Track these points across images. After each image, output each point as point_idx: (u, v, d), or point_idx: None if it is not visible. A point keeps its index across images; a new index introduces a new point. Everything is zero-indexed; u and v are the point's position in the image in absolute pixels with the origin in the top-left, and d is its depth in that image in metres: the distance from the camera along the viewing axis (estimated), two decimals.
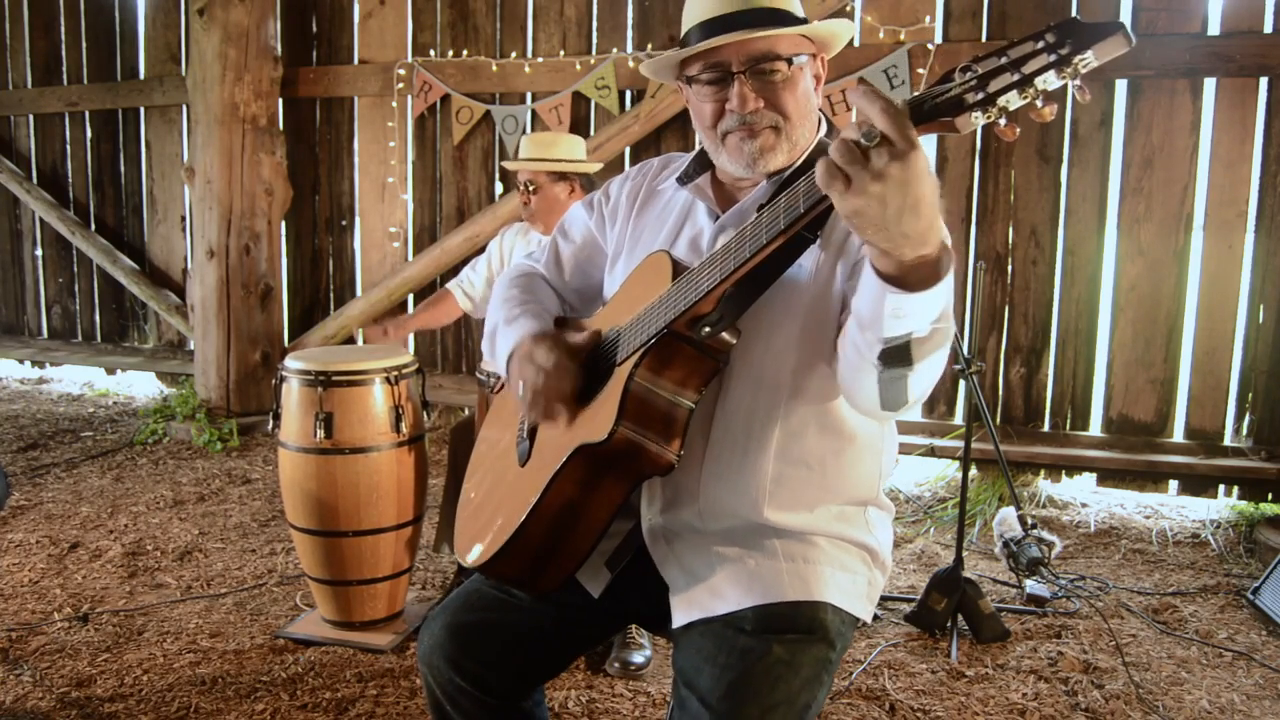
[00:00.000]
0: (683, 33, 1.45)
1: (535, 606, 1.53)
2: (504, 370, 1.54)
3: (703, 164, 1.54)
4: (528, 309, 1.57)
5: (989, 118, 0.95)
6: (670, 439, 1.30)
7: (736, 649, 1.33)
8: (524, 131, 4.87)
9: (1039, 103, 0.94)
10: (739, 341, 1.33)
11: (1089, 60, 0.91)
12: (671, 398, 1.30)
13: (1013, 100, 0.94)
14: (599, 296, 1.64)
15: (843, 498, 1.44)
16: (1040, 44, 0.93)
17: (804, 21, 1.41)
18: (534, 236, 3.31)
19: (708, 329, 1.28)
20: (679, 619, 1.40)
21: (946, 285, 1.08)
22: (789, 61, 1.38)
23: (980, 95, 0.94)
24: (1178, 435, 4.16)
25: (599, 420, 1.31)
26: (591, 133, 4.82)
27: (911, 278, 1.05)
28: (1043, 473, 4.28)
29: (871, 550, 1.47)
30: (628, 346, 1.36)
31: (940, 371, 1.20)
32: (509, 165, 3.41)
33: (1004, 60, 0.94)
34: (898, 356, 1.13)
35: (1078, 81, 0.93)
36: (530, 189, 3.17)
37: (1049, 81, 0.92)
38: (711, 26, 1.38)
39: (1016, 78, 0.93)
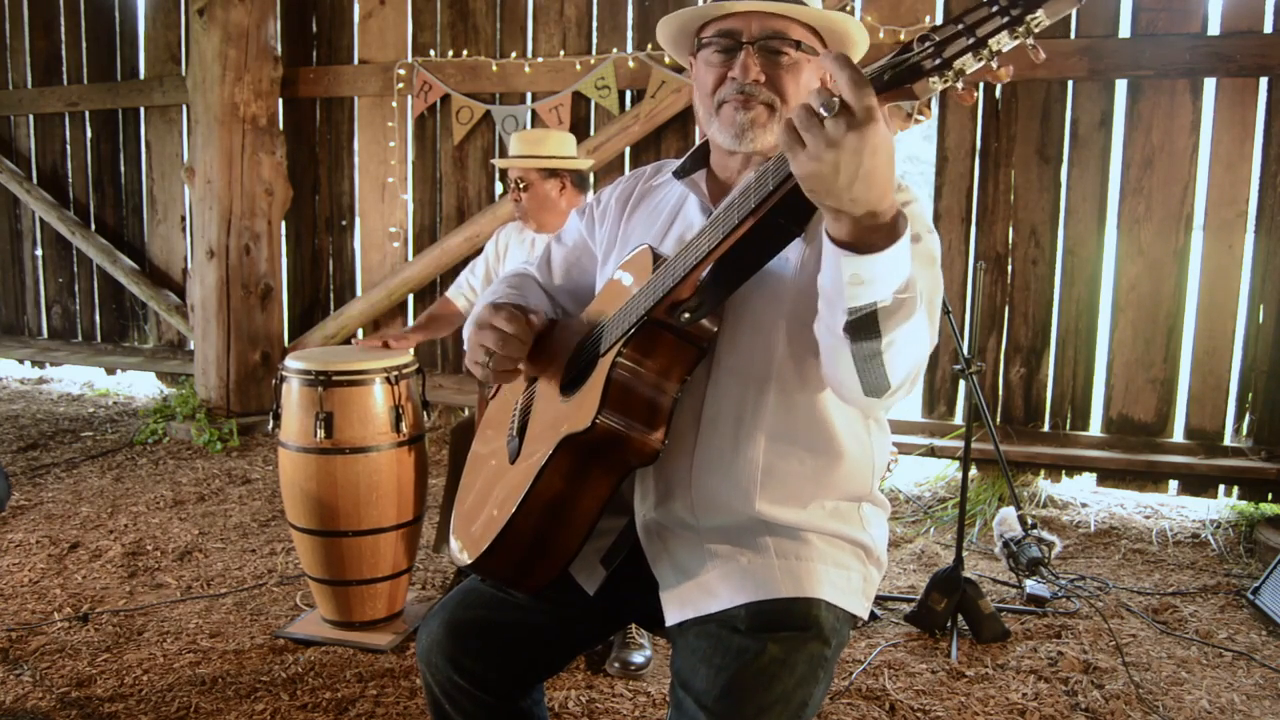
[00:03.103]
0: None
1: (534, 604, 1.53)
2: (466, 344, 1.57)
3: (699, 159, 1.56)
4: (510, 301, 1.59)
5: (946, 82, 0.99)
6: (654, 426, 1.30)
7: (731, 649, 1.33)
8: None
9: (994, 64, 0.98)
10: (727, 334, 1.34)
11: (1040, 19, 0.94)
12: (654, 385, 1.31)
13: (969, 63, 0.97)
14: (591, 299, 1.65)
15: (835, 493, 1.44)
16: (994, 7, 0.96)
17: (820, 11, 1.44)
18: (529, 235, 3.31)
19: (687, 315, 1.29)
20: (671, 617, 1.40)
21: (902, 251, 1.11)
22: (797, 45, 1.41)
23: (937, 60, 0.98)
24: (1178, 435, 4.16)
25: (583, 410, 1.32)
26: (591, 133, 4.83)
27: (864, 242, 1.09)
28: (1043, 473, 4.28)
29: (866, 547, 1.47)
30: (610, 337, 1.37)
31: (920, 353, 1.22)
32: (499, 163, 3.41)
33: (959, 26, 0.98)
34: (864, 328, 1.15)
35: (1032, 40, 0.96)
36: (521, 186, 3.18)
37: (1002, 42, 0.96)
38: None
39: (971, 41, 0.96)
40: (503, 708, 1.57)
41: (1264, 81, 3.91)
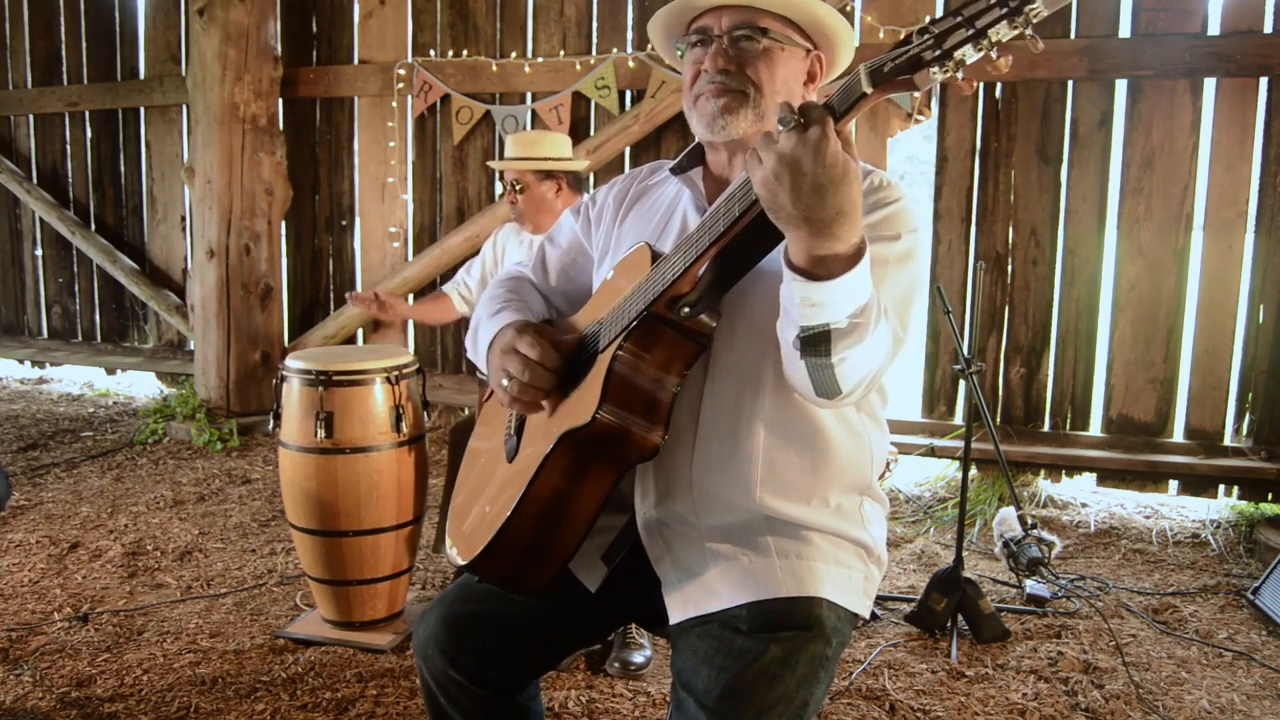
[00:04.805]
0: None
1: (533, 600, 1.51)
2: (485, 363, 1.54)
3: (694, 157, 1.56)
4: (511, 305, 1.59)
5: (946, 73, 1.00)
6: (655, 422, 1.30)
7: (733, 649, 1.33)
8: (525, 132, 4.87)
9: (994, 54, 0.99)
10: (724, 330, 1.34)
11: (1039, 9, 0.96)
12: (654, 379, 1.31)
13: (969, 54, 0.99)
14: (586, 300, 1.65)
15: (837, 485, 1.44)
16: None
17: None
18: (526, 237, 3.31)
19: (687, 309, 1.29)
20: (674, 616, 1.41)
21: (858, 277, 1.13)
22: (764, 32, 1.42)
23: (937, 52, 1.00)
24: (1178, 435, 4.16)
25: (583, 406, 1.32)
26: (591, 133, 4.83)
27: (819, 268, 1.13)
28: (1043, 473, 4.28)
29: (866, 546, 1.47)
30: (609, 333, 1.37)
31: (876, 364, 1.24)
32: (494, 165, 3.41)
33: (958, 18, 0.99)
34: (814, 346, 1.18)
35: (1030, 31, 0.97)
36: (517, 188, 3.18)
37: (1001, 33, 0.97)
38: None
39: (970, 32, 0.98)
40: (499, 702, 1.57)
41: (1264, 81, 3.90)
